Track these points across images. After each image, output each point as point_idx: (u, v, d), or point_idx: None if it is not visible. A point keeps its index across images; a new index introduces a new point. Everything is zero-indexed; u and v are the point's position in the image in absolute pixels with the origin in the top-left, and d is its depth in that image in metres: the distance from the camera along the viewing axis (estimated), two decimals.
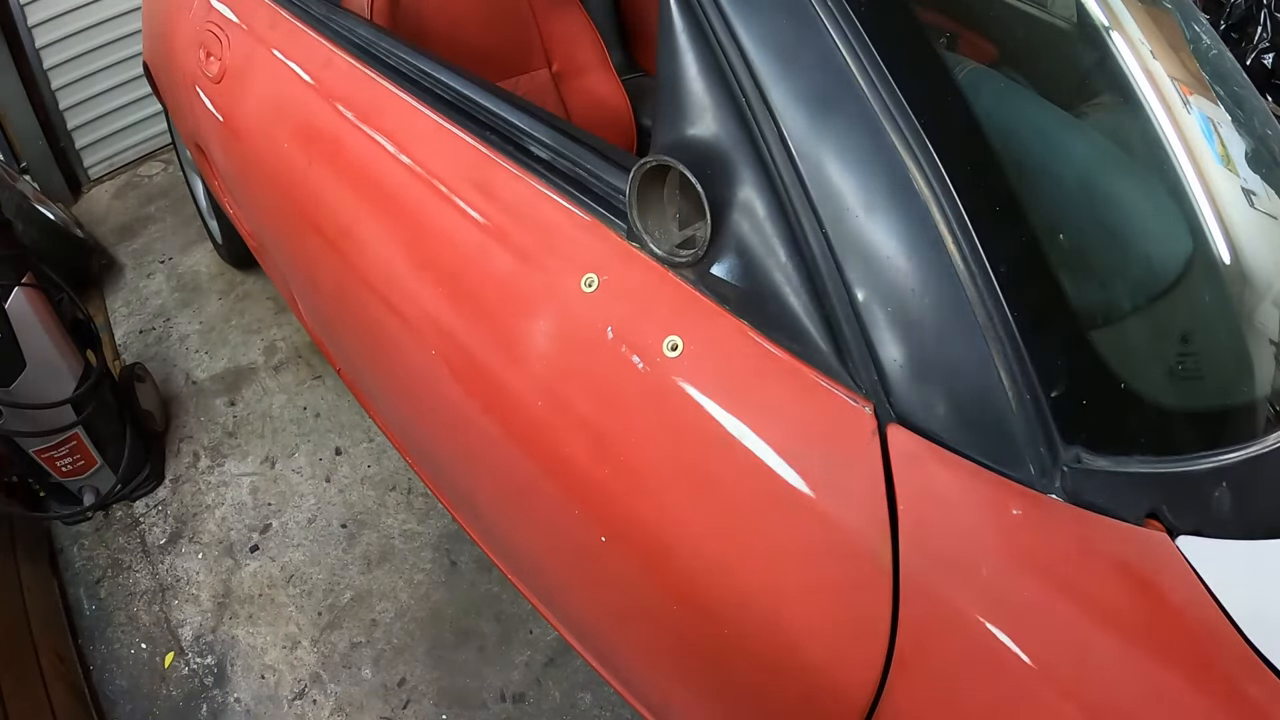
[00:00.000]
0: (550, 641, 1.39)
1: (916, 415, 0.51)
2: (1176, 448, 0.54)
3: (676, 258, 0.59)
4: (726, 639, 0.65)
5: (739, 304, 0.57)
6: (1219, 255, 0.67)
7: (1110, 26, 0.77)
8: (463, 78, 0.84)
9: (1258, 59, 2.25)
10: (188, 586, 1.51)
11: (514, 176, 0.74)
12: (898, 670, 0.52)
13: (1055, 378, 0.49)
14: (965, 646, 0.48)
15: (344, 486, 1.66)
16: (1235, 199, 0.71)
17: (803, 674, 0.59)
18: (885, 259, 0.51)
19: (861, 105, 0.51)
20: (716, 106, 0.56)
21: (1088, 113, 0.73)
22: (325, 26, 1.06)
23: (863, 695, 0.54)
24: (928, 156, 0.50)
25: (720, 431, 0.58)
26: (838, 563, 0.54)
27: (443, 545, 1.54)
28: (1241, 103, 0.82)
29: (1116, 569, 0.46)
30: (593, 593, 0.82)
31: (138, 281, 2.26)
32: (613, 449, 0.67)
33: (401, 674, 1.37)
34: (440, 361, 0.86)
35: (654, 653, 0.77)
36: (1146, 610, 0.45)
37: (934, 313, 0.50)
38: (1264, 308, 0.67)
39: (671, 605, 0.68)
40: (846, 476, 0.52)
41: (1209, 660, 0.45)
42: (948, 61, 0.57)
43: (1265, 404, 0.61)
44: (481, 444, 0.84)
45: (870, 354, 0.52)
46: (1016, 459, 0.49)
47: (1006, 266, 0.50)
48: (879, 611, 0.51)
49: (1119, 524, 0.48)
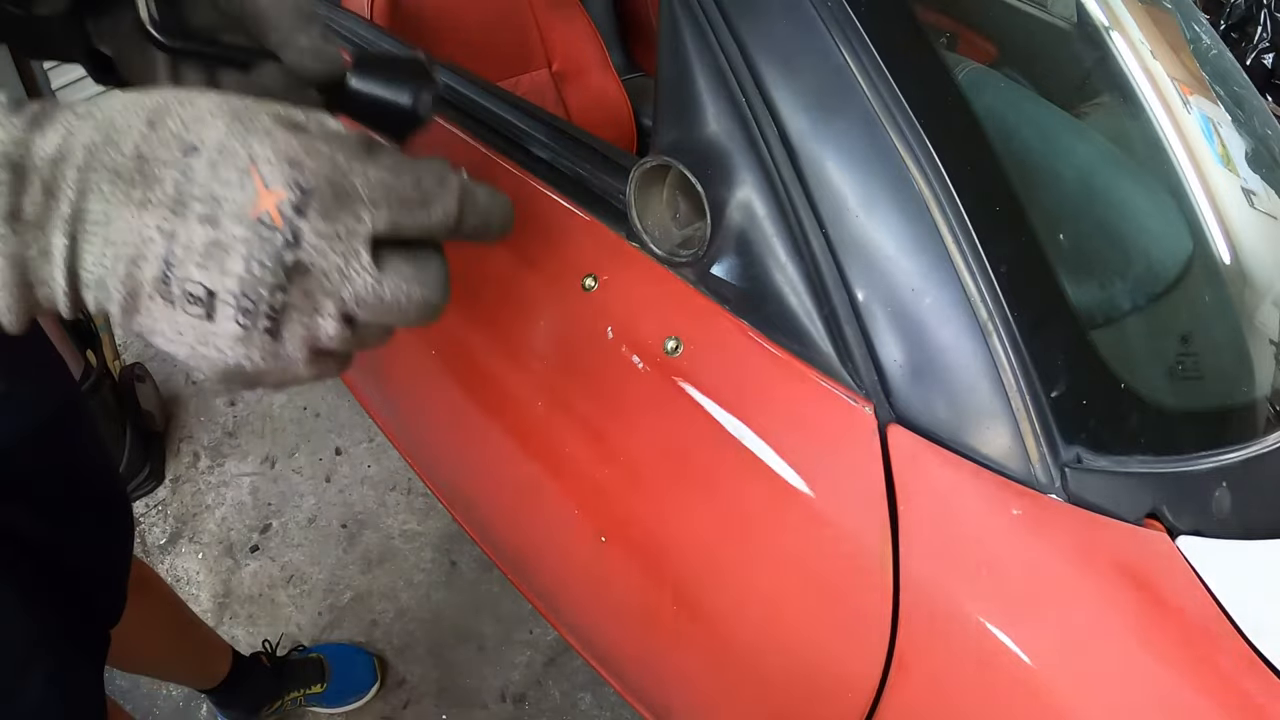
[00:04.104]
0: (550, 641, 1.39)
1: (917, 415, 0.51)
2: (1176, 448, 0.54)
3: (676, 258, 0.59)
4: (726, 639, 0.65)
5: (739, 304, 0.57)
6: (1219, 255, 0.67)
7: (1110, 26, 0.77)
8: (463, 77, 0.84)
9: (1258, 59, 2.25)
10: (188, 586, 1.51)
11: (514, 176, 0.74)
12: (898, 670, 0.52)
13: (1055, 378, 0.49)
14: (965, 646, 0.48)
15: (344, 486, 1.66)
16: (1235, 199, 0.71)
17: (803, 674, 0.59)
18: (885, 259, 0.51)
19: (861, 105, 0.51)
20: (716, 106, 0.56)
21: (1088, 113, 0.73)
22: (325, 26, 1.06)
23: (863, 695, 0.54)
24: (928, 156, 0.50)
25: (720, 431, 0.58)
26: (838, 563, 0.54)
27: (443, 545, 1.55)
28: (1241, 103, 0.82)
29: (1116, 569, 0.46)
30: (593, 593, 0.82)
31: None
32: (613, 449, 0.67)
33: (401, 674, 1.37)
34: (439, 361, 0.86)
35: (654, 653, 0.77)
36: (1146, 610, 0.45)
37: (934, 313, 0.50)
38: (1264, 308, 0.67)
39: (671, 605, 0.68)
40: (846, 476, 0.53)
41: (1209, 660, 0.45)
42: (948, 61, 0.57)
43: (1265, 404, 0.61)
44: (481, 444, 0.84)
45: (870, 354, 0.52)
46: (1017, 459, 0.49)
47: (1006, 266, 0.50)
48: (879, 611, 0.51)
49: (1119, 524, 0.48)
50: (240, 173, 0.30)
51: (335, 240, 0.30)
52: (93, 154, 0.29)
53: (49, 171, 0.29)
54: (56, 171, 0.29)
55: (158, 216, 0.29)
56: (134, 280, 0.30)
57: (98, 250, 0.30)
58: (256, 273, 0.30)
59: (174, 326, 0.31)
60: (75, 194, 0.29)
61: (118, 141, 0.29)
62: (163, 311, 0.30)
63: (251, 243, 0.29)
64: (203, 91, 0.31)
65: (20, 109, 0.30)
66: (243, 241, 0.29)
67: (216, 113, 0.30)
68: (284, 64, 0.43)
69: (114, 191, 0.29)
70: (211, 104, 0.31)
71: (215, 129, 0.30)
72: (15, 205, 0.28)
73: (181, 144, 0.30)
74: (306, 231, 0.30)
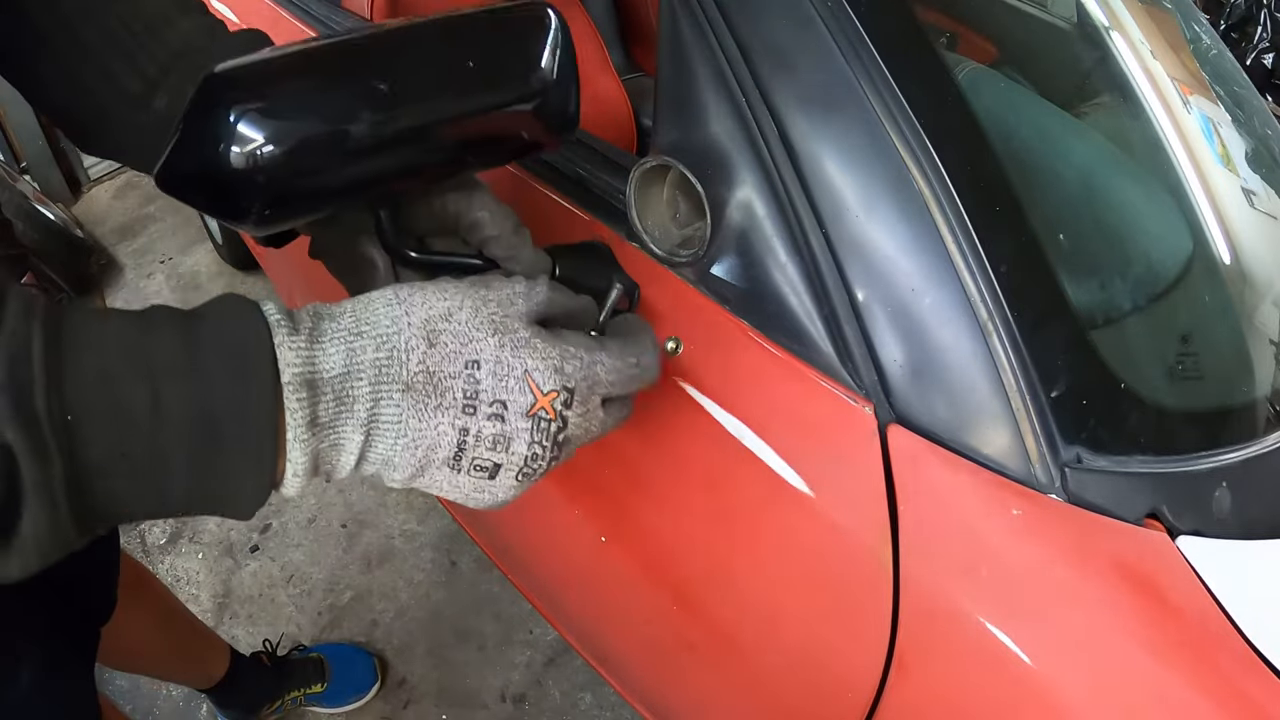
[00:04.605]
0: (550, 641, 1.39)
1: (917, 415, 0.51)
2: (1177, 448, 0.54)
3: (676, 258, 0.59)
4: (726, 639, 0.65)
5: (739, 304, 0.57)
6: (1219, 255, 0.67)
7: (1110, 26, 0.77)
8: None
9: (1258, 59, 2.25)
10: (188, 586, 1.52)
11: (514, 176, 0.74)
12: (898, 670, 0.52)
13: (1055, 378, 0.49)
14: (965, 647, 0.48)
15: (344, 486, 1.66)
16: (1235, 199, 0.71)
17: (802, 673, 0.60)
18: (885, 259, 0.51)
19: (861, 105, 0.51)
20: (716, 106, 0.56)
21: (1088, 113, 0.73)
22: (325, 26, 1.06)
23: (863, 695, 0.54)
24: (928, 156, 0.50)
25: (720, 431, 0.58)
26: (838, 563, 0.54)
27: (443, 545, 1.55)
28: (1241, 103, 0.82)
29: (1116, 569, 0.46)
30: (593, 593, 0.82)
31: (138, 281, 2.26)
32: (612, 449, 0.67)
33: (401, 674, 1.37)
34: None
35: (654, 653, 0.77)
36: (1146, 610, 0.45)
37: (934, 313, 0.50)
38: (1264, 308, 0.67)
39: (671, 605, 0.68)
40: (846, 476, 0.53)
41: (1209, 660, 0.45)
42: (948, 61, 0.57)
43: (1265, 404, 0.61)
44: None
45: (870, 354, 0.52)
46: (1016, 459, 0.49)
47: (1006, 266, 0.50)
48: (879, 611, 0.51)
49: (1119, 524, 0.48)
50: (518, 380, 0.38)
51: (589, 415, 0.42)
52: (381, 370, 0.36)
53: (340, 385, 0.35)
54: (347, 385, 0.35)
55: (450, 416, 0.37)
56: (427, 460, 0.38)
57: (389, 442, 0.37)
58: (539, 451, 0.40)
59: (454, 484, 0.40)
60: (370, 403, 0.36)
61: (405, 360, 0.36)
62: (447, 476, 0.39)
63: (533, 431, 0.39)
64: (448, 293, 0.39)
65: (297, 326, 0.35)
66: (526, 431, 0.39)
67: (482, 327, 0.38)
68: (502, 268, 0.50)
69: (405, 399, 0.36)
70: (469, 315, 0.39)
71: (488, 345, 0.38)
72: (313, 414, 0.34)
73: (463, 359, 0.38)
74: (572, 416, 0.40)
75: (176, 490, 0.33)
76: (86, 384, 0.30)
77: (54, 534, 0.30)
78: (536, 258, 0.50)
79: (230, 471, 0.34)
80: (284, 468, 0.35)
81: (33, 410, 0.29)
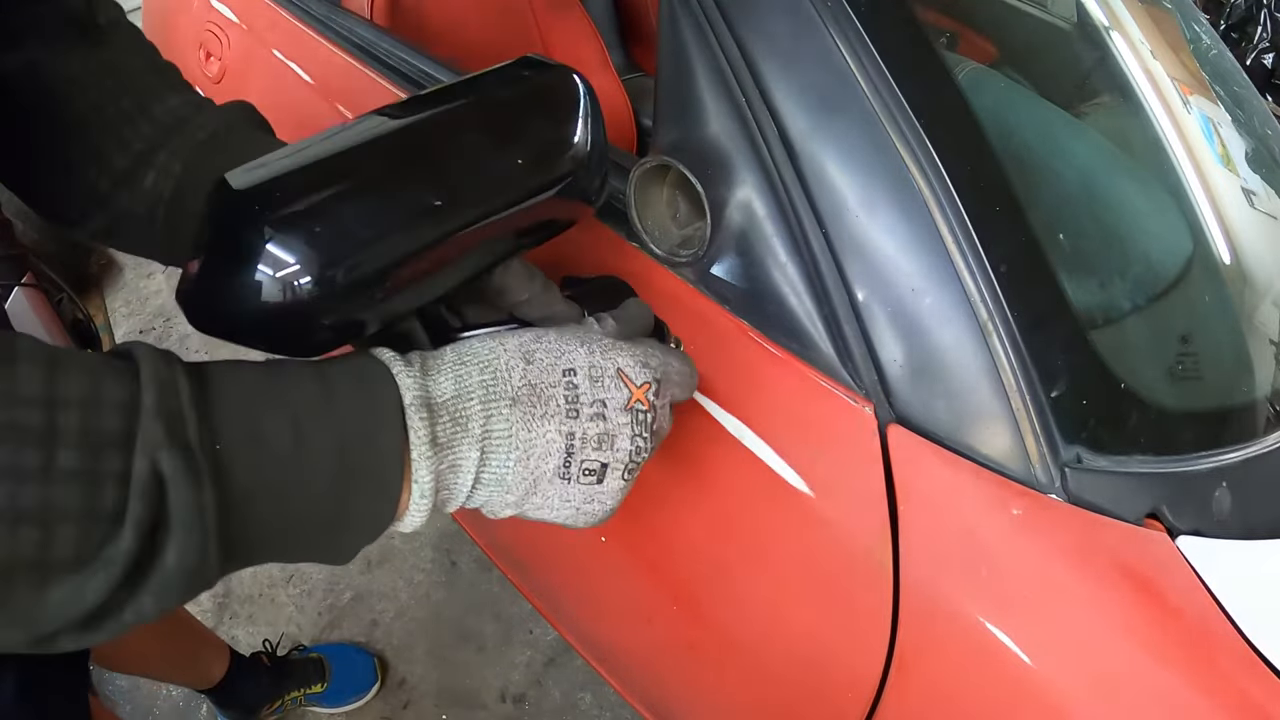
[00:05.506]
0: (550, 641, 1.39)
1: (916, 415, 0.51)
2: (1176, 448, 0.54)
3: (676, 258, 0.59)
4: (726, 639, 0.65)
5: (739, 304, 0.57)
6: (1219, 255, 0.67)
7: (1110, 26, 0.77)
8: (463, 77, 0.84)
9: (1258, 59, 2.25)
10: None
11: None
12: (898, 670, 0.52)
13: (1055, 378, 0.49)
14: (965, 646, 0.48)
15: None
16: (1235, 199, 0.71)
17: (802, 674, 0.59)
18: (885, 259, 0.51)
19: (861, 105, 0.51)
20: (716, 106, 0.56)
21: (1088, 113, 0.73)
22: (325, 26, 1.06)
23: (863, 695, 0.54)
24: (928, 156, 0.50)
25: (720, 431, 0.58)
26: (838, 562, 0.54)
27: (443, 545, 1.54)
28: (1241, 103, 0.82)
29: (1116, 569, 0.46)
30: (593, 593, 0.82)
31: (138, 281, 2.26)
32: None
33: (401, 674, 1.37)
34: None
35: (654, 653, 0.77)
36: (1146, 610, 0.45)
37: (934, 312, 0.50)
38: (1264, 308, 0.68)
39: (671, 605, 0.68)
40: (846, 476, 0.53)
41: (1209, 660, 0.45)
42: (948, 61, 0.57)
43: (1265, 404, 0.61)
44: None
45: (870, 354, 0.52)
46: (1017, 459, 0.49)
47: (1006, 266, 0.50)
48: (879, 611, 0.51)
49: (1119, 524, 0.48)
50: (613, 379, 0.41)
51: (666, 409, 0.44)
52: (488, 389, 0.38)
53: (454, 406, 0.37)
54: (460, 405, 0.38)
55: (555, 423, 0.39)
56: (538, 472, 0.40)
57: (502, 456, 0.39)
58: (640, 444, 0.42)
59: (564, 498, 0.41)
60: (483, 419, 0.38)
61: (508, 377, 0.39)
62: (558, 489, 0.41)
63: (633, 424, 0.41)
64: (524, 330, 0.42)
65: (409, 362, 0.38)
66: (627, 425, 0.41)
67: (570, 341, 0.41)
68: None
69: (513, 412, 0.38)
70: (556, 335, 0.42)
71: (579, 353, 0.41)
72: (433, 434, 0.36)
73: (560, 369, 0.40)
74: (660, 405, 0.43)
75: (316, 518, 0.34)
76: (233, 417, 0.32)
77: (200, 565, 0.30)
78: (569, 311, 0.50)
79: (360, 491, 0.35)
80: (407, 499, 0.37)
81: (185, 437, 0.30)
